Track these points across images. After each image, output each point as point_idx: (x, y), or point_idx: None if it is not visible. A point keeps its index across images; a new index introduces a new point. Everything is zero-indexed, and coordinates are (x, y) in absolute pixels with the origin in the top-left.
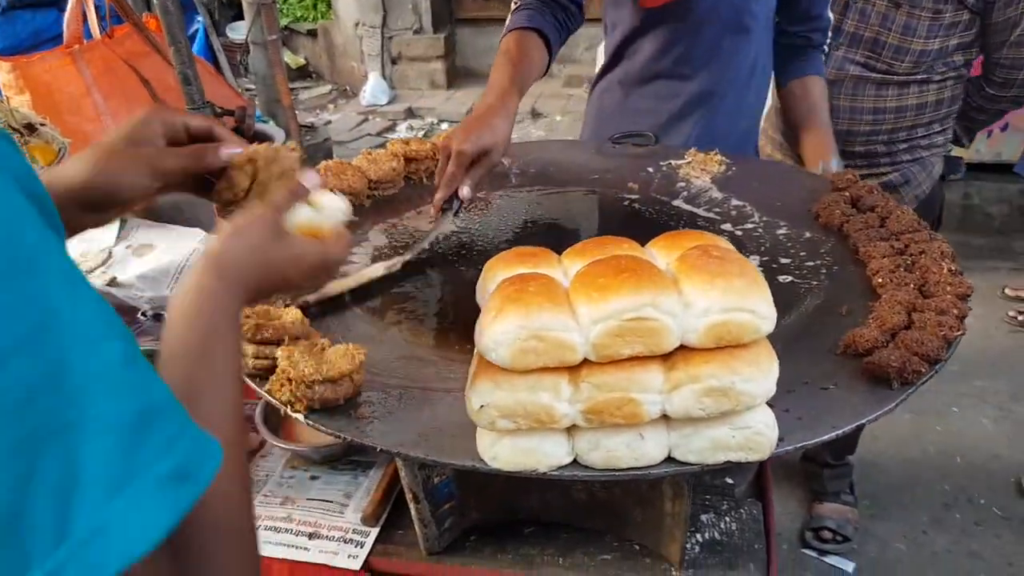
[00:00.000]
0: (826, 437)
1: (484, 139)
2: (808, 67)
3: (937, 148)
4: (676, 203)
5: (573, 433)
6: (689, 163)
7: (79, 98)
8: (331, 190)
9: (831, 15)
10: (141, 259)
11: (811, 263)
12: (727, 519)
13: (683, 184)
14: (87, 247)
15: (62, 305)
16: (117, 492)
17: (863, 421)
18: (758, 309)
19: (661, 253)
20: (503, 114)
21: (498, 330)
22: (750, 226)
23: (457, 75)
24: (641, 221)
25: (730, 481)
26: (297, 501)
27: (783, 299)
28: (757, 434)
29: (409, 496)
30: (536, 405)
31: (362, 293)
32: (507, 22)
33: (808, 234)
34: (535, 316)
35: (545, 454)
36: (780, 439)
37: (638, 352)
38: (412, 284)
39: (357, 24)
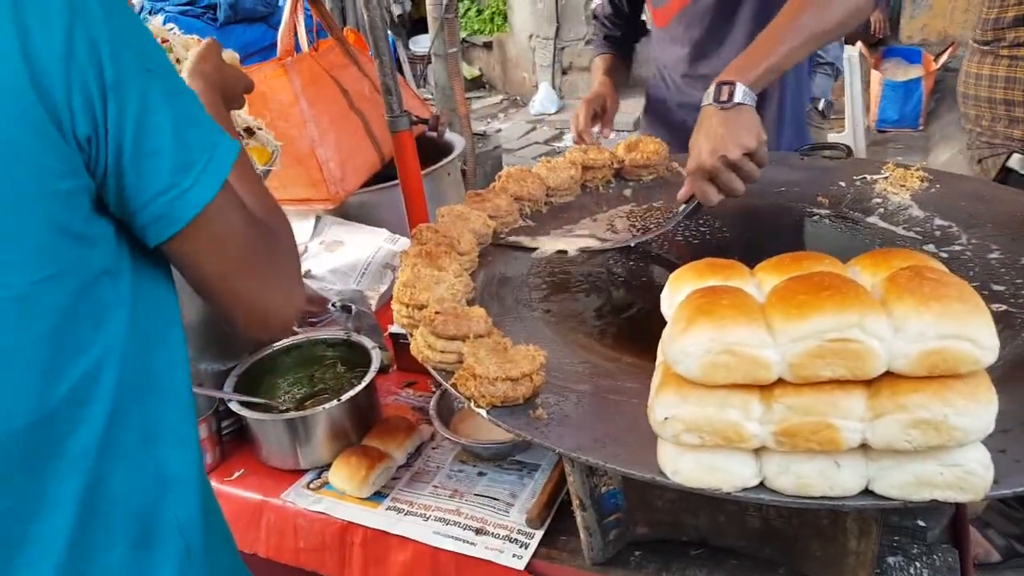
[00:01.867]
0: None
1: (599, 98)
2: None
3: None
4: (871, 220)
5: (761, 454)
6: (887, 178)
7: (288, 106)
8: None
9: None
10: (332, 254)
11: None
12: (917, 564)
13: (879, 200)
14: None
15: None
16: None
17: None
18: (979, 338)
19: (866, 272)
20: (607, 84)
21: (689, 341)
22: (957, 248)
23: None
24: (833, 238)
25: (922, 524)
26: (465, 495)
27: (998, 329)
28: (969, 473)
29: (576, 503)
30: (724, 422)
31: (545, 295)
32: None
33: None
34: (729, 330)
35: (730, 473)
36: (995, 481)
37: (839, 375)
38: (595, 291)
39: (531, 36)
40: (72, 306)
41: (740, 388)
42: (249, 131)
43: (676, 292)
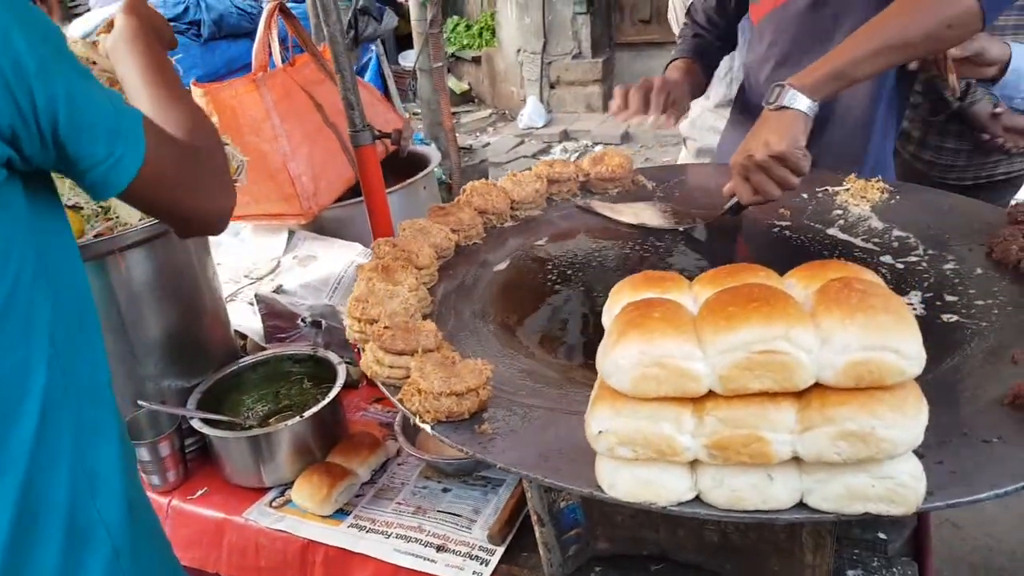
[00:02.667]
0: (983, 496)
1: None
2: None
3: None
4: (831, 231)
5: (696, 468)
6: (847, 189)
7: (260, 120)
8: None
9: None
10: (305, 269)
11: (981, 302)
12: None
13: (840, 212)
14: (259, 256)
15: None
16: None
17: None
18: (903, 348)
19: (800, 284)
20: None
21: (618, 355)
22: (913, 259)
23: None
24: (790, 249)
25: (883, 536)
26: (428, 512)
27: (946, 340)
28: (901, 485)
29: (534, 518)
30: (657, 435)
31: (503, 309)
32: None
33: (979, 270)
34: (657, 342)
35: (665, 487)
36: (929, 493)
37: (768, 387)
38: (552, 305)
39: (519, 51)
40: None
41: (672, 401)
42: None
43: (614, 305)
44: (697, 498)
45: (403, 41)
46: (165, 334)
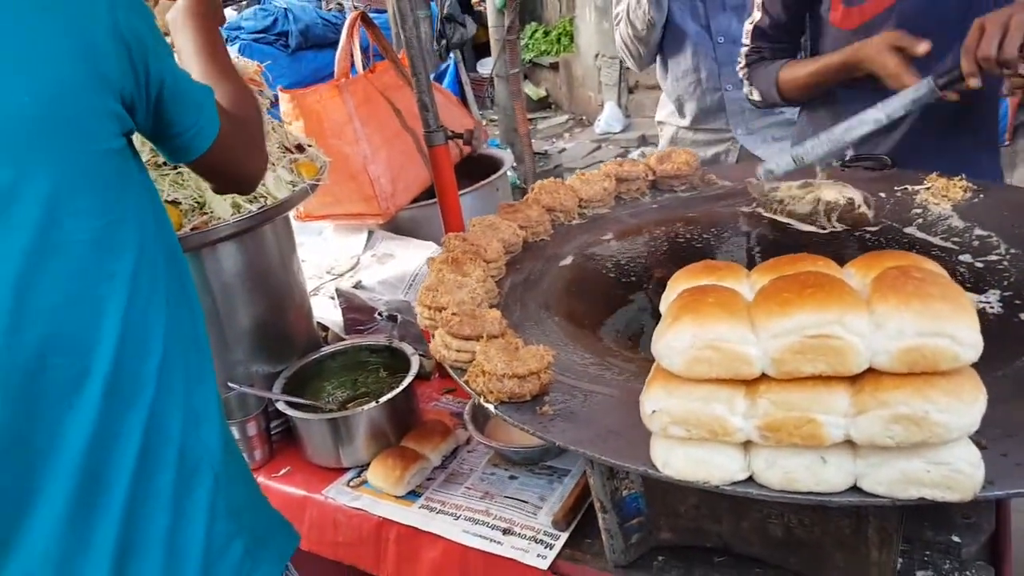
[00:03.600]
0: None
1: (878, 42)
2: None
3: None
4: (908, 230)
5: (750, 449)
6: (928, 188)
7: (342, 124)
8: None
9: None
10: (383, 266)
11: None
12: None
13: (919, 211)
14: (340, 253)
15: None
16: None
17: None
18: (958, 335)
19: (858, 273)
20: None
21: (672, 337)
22: (994, 258)
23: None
24: (867, 248)
25: (957, 539)
26: (495, 497)
27: (1021, 337)
28: (957, 471)
29: (597, 505)
30: (709, 416)
31: (568, 300)
32: (757, 80)
33: None
34: (710, 326)
35: (718, 467)
36: (989, 482)
37: (821, 371)
38: (610, 297)
39: (597, 55)
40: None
41: (725, 383)
42: (300, 148)
43: (671, 292)
44: (750, 479)
45: (481, 49)
46: (254, 323)
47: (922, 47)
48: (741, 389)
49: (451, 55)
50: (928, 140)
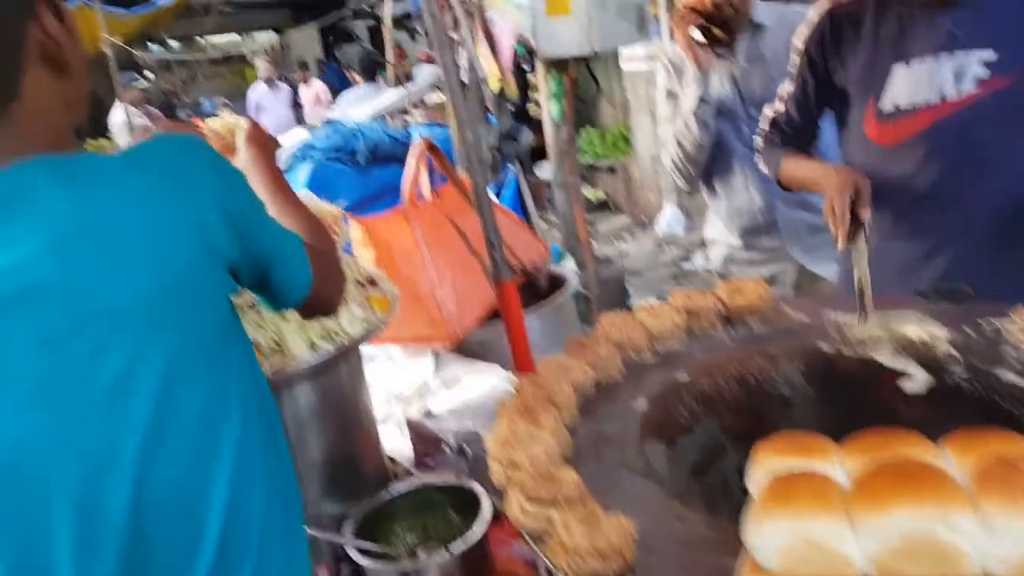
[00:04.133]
0: None
1: (849, 179)
2: None
3: None
4: (1002, 374)
5: None
6: (1018, 325)
7: (410, 251)
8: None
9: None
10: (450, 391)
11: None
12: None
13: (1012, 350)
14: (409, 378)
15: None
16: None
17: None
18: None
19: (955, 455)
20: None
21: (766, 531)
22: None
23: None
24: (957, 395)
25: None
26: None
27: None
28: None
29: None
30: None
31: (647, 453)
32: (766, 160)
33: None
34: (807, 521)
35: None
36: None
37: None
38: (690, 451)
39: (654, 158)
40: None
41: None
42: (372, 281)
43: (758, 469)
44: None
45: (538, 152)
46: (325, 458)
47: (865, 215)
48: None
49: (510, 166)
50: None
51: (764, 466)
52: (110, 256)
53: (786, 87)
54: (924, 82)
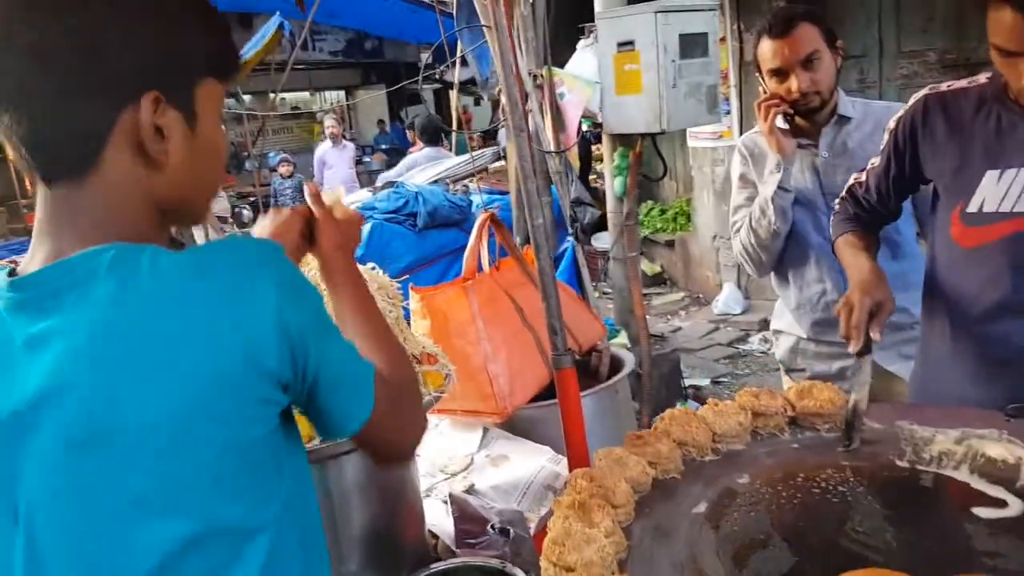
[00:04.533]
0: None
1: (878, 294)
2: None
3: None
4: None
5: None
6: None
7: (466, 324)
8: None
9: None
10: (497, 469)
11: None
12: None
13: None
14: (455, 451)
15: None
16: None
17: None
18: None
19: None
20: (882, 276)
21: None
22: None
23: None
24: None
25: None
26: None
27: None
28: None
29: None
30: None
31: (698, 562)
32: (833, 226)
33: None
34: None
35: None
36: None
37: None
38: (753, 561)
39: (715, 237)
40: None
41: None
42: (429, 356)
43: None
44: None
45: (596, 224)
46: (367, 531)
47: (877, 334)
48: None
49: (568, 237)
50: None
51: None
52: (144, 363)
53: (874, 161)
54: (1015, 191)
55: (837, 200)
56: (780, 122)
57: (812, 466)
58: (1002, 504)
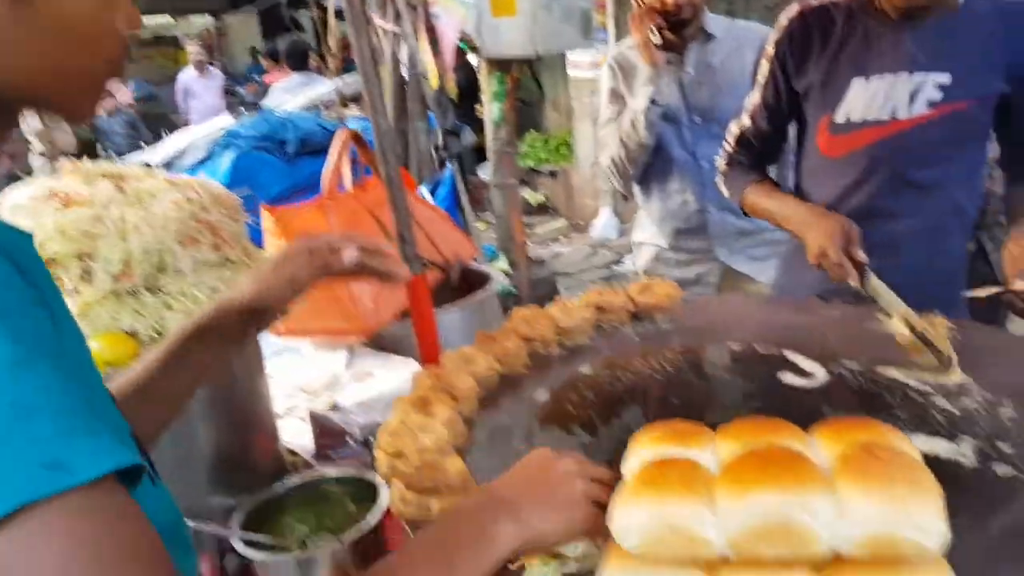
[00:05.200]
0: None
1: (832, 225)
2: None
3: None
4: (882, 369)
5: None
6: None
7: None
8: None
9: None
10: (361, 384)
11: None
12: None
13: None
14: (317, 371)
15: None
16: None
17: None
18: (924, 524)
19: (825, 444)
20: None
21: (629, 515)
22: (968, 403)
23: None
24: (838, 390)
25: None
26: None
27: (996, 495)
28: None
29: None
30: None
31: (536, 445)
32: (730, 183)
33: None
34: (669, 505)
35: None
36: None
37: (782, 556)
38: (585, 441)
39: (593, 164)
40: None
41: (683, 564)
42: None
43: (632, 456)
44: None
45: (481, 153)
46: (214, 449)
47: (863, 258)
48: (700, 571)
49: (448, 165)
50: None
51: (639, 453)
52: None
53: (753, 98)
54: (879, 99)
55: (724, 156)
56: (653, 36)
57: (649, 355)
58: (818, 374)
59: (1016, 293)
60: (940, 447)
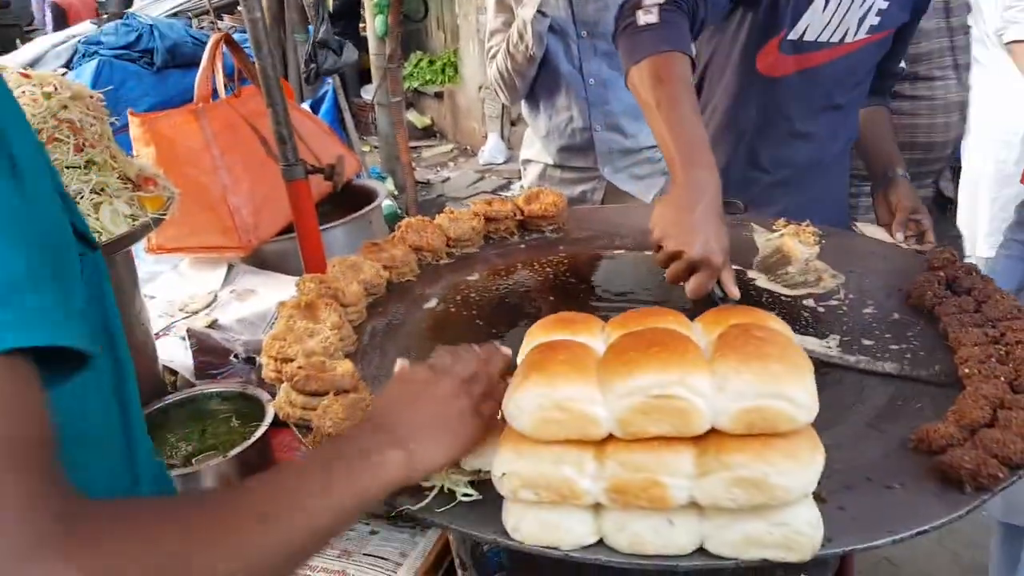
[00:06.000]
0: (880, 542)
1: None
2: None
3: None
4: (754, 274)
5: (600, 512)
6: (780, 235)
7: (198, 152)
8: None
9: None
10: (242, 303)
11: (895, 347)
12: None
13: (773, 257)
14: (196, 289)
15: None
16: None
17: (925, 528)
18: (795, 397)
19: (705, 329)
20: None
21: (520, 397)
22: (834, 303)
23: None
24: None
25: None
26: (353, 555)
27: (859, 385)
28: (797, 533)
29: (457, 562)
30: (558, 478)
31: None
32: (632, 38)
33: (896, 315)
34: (559, 385)
35: (568, 531)
36: (828, 539)
37: (666, 432)
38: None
39: (480, 87)
40: None
41: (574, 444)
42: (148, 180)
43: (526, 346)
44: (601, 542)
45: (366, 75)
46: None
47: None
48: (591, 450)
49: (329, 81)
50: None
51: (531, 342)
52: None
53: None
54: (836, 21)
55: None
56: None
57: (536, 261)
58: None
59: None
60: (809, 343)
